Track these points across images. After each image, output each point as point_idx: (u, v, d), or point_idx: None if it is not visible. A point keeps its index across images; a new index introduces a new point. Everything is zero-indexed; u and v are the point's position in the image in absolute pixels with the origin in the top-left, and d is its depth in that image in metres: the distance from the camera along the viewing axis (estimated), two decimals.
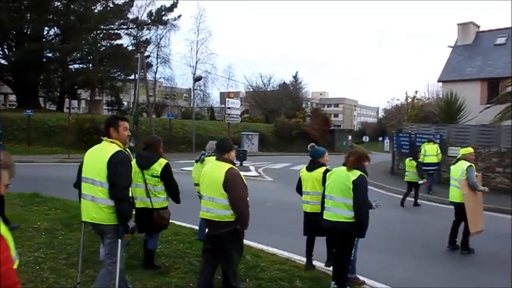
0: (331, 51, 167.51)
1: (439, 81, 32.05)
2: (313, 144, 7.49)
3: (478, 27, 33.46)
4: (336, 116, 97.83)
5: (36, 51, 37.12)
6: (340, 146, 48.45)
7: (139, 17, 46.63)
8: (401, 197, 13.78)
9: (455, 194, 8.42)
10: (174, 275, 5.94)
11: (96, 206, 4.51)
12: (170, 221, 7.47)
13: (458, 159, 8.59)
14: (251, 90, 68.21)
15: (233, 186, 4.91)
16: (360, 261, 6.41)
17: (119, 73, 47.20)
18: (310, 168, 6.74)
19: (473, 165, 8.36)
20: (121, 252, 4.56)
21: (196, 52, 53.30)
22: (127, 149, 4.79)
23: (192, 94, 54.45)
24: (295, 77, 73.92)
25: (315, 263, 7.15)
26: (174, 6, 45.82)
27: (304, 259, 7.18)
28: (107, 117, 5.44)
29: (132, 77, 46.94)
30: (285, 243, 8.05)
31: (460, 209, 8.31)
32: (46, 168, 19.25)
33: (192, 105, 50.60)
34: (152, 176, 6.00)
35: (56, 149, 27.29)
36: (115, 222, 4.47)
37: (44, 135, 29.96)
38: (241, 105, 63.15)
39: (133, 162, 5.65)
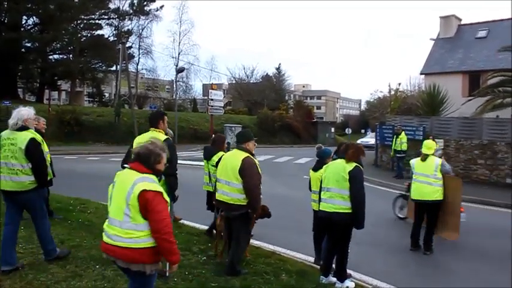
0: (315, 44, 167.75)
1: (421, 73, 32.24)
2: (320, 145, 8.27)
3: (460, 20, 33.69)
4: (319, 108, 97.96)
5: (14, 40, 36.43)
6: (323, 138, 48.54)
7: (121, 7, 46.06)
8: (385, 188, 13.92)
9: (427, 191, 7.75)
10: None
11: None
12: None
13: (426, 156, 7.98)
14: (234, 82, 67.87)
15: (248, 173, 5.48)
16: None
17: (100, 64, 46.52)
18: (316, 168, 6.80)
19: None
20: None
21: (179, 43, 52.89)
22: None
23: (174, 86, 53.91)
24: (278, 69, 73.73)
25: (300, 255, 7.12)
26: None
27: (290, 252, 7.16)
28: (155, 112, 6.91)
29: (114, 68, 46.34)
30: (270, 236, 7.97)
31: (429, 207, 7.81)
32: None
33: (174, 97, 50.12)
34: (212, 165, 7.10)
35: None
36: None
37: None
38: (224, 97, 62.95)
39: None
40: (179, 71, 38.05)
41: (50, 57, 44.60)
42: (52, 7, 39.52)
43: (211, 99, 20.64)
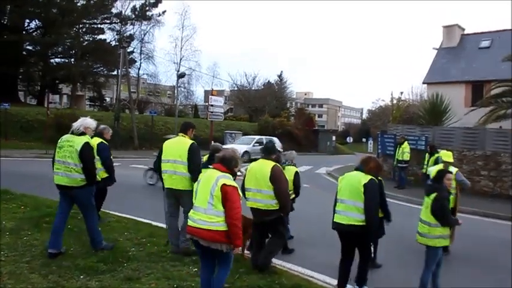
0: (317, 52, 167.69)
1: (424, 83, 31.96)
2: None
3: (463, 30, 33.48)
4: (320, 116, 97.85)
5: (15, 43, 36.26)
6: (324, 146, 48.31)
7: (123, 11, 45.90)
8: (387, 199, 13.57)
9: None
10: (145, 281, 5.48)
11: (178, 178, 6.49)
12: (146, 221, 8.96)
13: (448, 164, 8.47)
14: (236, 88, 67.74)
15: (278, 179, 6.07)
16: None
17: (102, 68, 46.34)
18: None
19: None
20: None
21: (181, 49, 52.84)
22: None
23: (175, 91, 53.77)
24: (280, 76, 73.63)
25: (296, 268, 6.84)
26: (158, 1, 45.25)
27: (286, 264, 6.90)
28: (187, 122, 7.36)
29: (115, 72, 46.15)
30: None
31: None
32: (21, 164, 18.59)
33: (175, 102, 49.98)
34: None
35: (33, 144, 26.46)
36: (190, 188, 6.11)
37: (21, 130, 29.14)
38: (225, 103, 62.77)
39: None
40: (180, 76, 37.88)
41: (52, 60, 44.50)
42: (54, 11, 39.40)
43: (211, 105, 20.39)
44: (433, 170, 8.58)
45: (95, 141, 7.47)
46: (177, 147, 6.62)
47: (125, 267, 5.88)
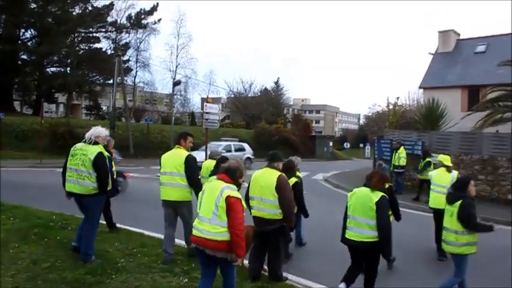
0: (313, 57, 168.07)
1: (420, 87, 31.92)
2: (381, 162, 9.08)
3: (458, 35, 33.53)
4: (318, 122, 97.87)
5: (10, 52, 36.16)
6: (321, 152, 48.18)
7: (119, 20, 45.89)
8: None
9: (444, 201, 8.09)
10: None
11: (175, 189, 6.65)
12: (138, 230, 8.86)
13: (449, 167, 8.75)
14: (232, 95, 67.67)
15: (283, 189, 6.05)
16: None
17: (98, 77, 46.26)
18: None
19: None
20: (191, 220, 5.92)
21: (177, 57, 52.75)
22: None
23: (171, 99, 53.59)
24: (276, 82, 73.65)
25: (291, 277, 6.68)
26: (153, 9, 45.27)
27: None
28: (180, 132, 7.48)
29: (111, 81, 46.02)
30: None
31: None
32: (15, 174, 18.39)
33: (171, 110, 49.81)
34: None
35: (28, 154, 26.32)
36: (187, 199, 6.69)
37: (16, 139, 28.96)
38: (222, 110, 62.59)
39: None
40: (175, 84, 37.83)
41: (47, 70, 44.39)
42: (49, 20, 39.35)
43: (207, 113, 20.17)
44: (434, 174, 8.98)
45: None
46: (173, 159, 6.75)
47: (114, 280, 5.72)
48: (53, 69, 45.32)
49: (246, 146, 29.01)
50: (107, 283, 5.57)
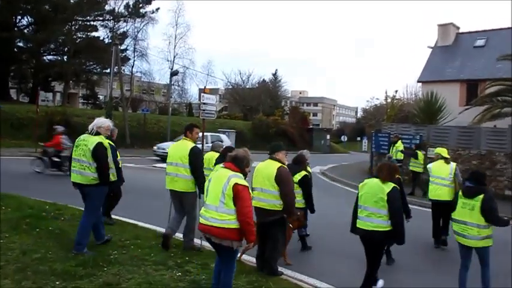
0: (312, 50, 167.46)
1: (418, 81, 31.72)
2: (390, 155, 9.57)
3: (458, 28, 33.31)
4: (315, 115, 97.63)
5: (6, 40, 35.77)
6: (319, 145, 48.09)
7: (116, 8, 45.33)
8: None
9: (443, 192, 8.85)
10: (125, 287, 5.22)
11: (180, 180, 6.77)
12: (132, 221, 8.88)
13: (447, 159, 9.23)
14: (230, 87, 67.33)
15: (284, 180, 6.04)
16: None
17: (95, 66, 45.83)
18: None
19: None
20: (196, 210, 6.68)
21: (175, 47, 52.22)
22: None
23: (169, 89, 53.19)
24: (274, 74, 73.35)
25: (286, 271, 6.59)
26: None
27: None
28: (188, 123, 7.50)
29: (109, 70, 45.61)
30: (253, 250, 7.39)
31: (444, 207, 8.35)
32: (10, 163, 18.20)
33: (168, 100, 49.49)
34: (294, 183, 7.13)
35: (23, 142, 26.10)
36: (191, 190, 6.81)
37: (12, 128, 28.70)
38: (220, 101, 62.32)
39: None
40: (173, 74, 37.51)
41: (44, 58, 43.97)
42: (46, 7, 38.92)
43: (204, 103, 19.97)
44: (432, 166, 9.37)
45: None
46: (179, 150, 6.89)
47: (105, 272, 5.60)
48: (49, 57, 44.76)
49: (224, 137, 26.79)
50: (98, 275, 5.45)
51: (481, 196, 5.78)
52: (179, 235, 7.79)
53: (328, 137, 51.72)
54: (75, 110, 38.33)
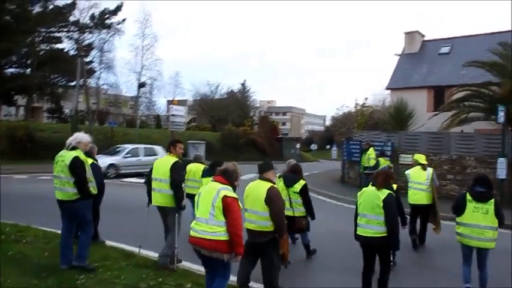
0: (280, 60, 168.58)
1: (387, 88, 32.06)
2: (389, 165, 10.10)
3: (423, 36, 33.95)
4: (284, 124, 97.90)
5: None
6: (289, 154, 47.87)
7: (81, 19, 44.42)
8: (351, 206, 13.46)
9: (421, 196, 9.25)
10: None
11: (162, 195, 6.86)
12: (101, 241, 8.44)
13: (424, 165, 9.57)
14: (198, 98, 66.79)
15: (273, 201, 5.87)
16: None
17: (60, 79, 44.68)
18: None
19: None
20: (178, 225, 6.96)
21: (142, 58, 51.56)
22: (181, 159, 7.20)
23: (136, 101, 52.28)
24: (243, 84, 73.27)
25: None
26: (118, 9, 44.11)
27: (256, 285, 6.33)
28: (172, 139, 7.61)
29: (74, 83, 44.49)
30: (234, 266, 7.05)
31: (422, 211, 9.33)
32: None
33: (136, 113, 48.68)
34: (294, 192, 7.79)
35: None
36: (174, 206, 6.85)
37: None
38: (188, 113, 61.69)
39: (279, 181, 7.78)
40: (140, 85, 36.94)
41: (5, 70, 42.59)
42: (7, 18, 37.76)
43: (172, 115, 19.65)
44: (411, 172, 9.69)
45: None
46: (162, 165, 7.00)
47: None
48: (11, 70, 43.50)
49: (159, 149, 24.47)
50: None
51: (493, 200, 6.18)
52: (151, 253, 7.45)
53: (298, 145, 51.70)
54: (39, 124, 37.16)
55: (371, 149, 17.47)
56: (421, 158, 9.68)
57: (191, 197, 8.18)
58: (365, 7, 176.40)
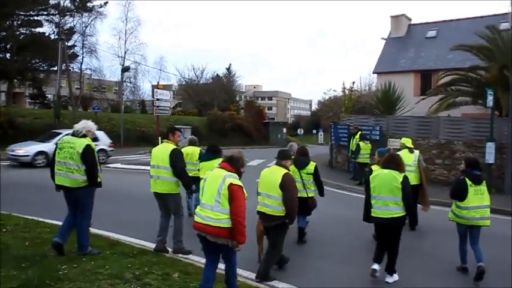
0: (265, 44, 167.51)
1: (374, 72, 31.92)
2: (390, 147, 10.48)
3: (410, 20, 33.80)
4: (270, 109, 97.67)
5: None
6: (275, 138, 47.88)
7: (62, 2, 43.36)
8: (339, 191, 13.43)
9: (410, 178, 9.00)
10: None
11: (162, 182, 6.86)
12: None
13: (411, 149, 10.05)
14: (184, 83, 66.09)
15: (288, 187, 6.09)
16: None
17: (41, 63, 43.69)
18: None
19: None
20: (183, 211, 7.24)
21: (125, 42, 50.74)
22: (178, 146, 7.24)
23: (120, 86, 51.51)
24: (228, 69, 72.72)
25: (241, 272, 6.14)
26: None
27: (243, 273, 6.14)
28: (169, 127, 7.69)
29: (56, 68, 43.58)
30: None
31: (412, 190, 9.33)
32: None
33: (120, 98, 47.93)
34: (307, 173, 7.97)
35: None
36: (173, 192, 6.92)
37: None
38: (173, 98, 61.06)
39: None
40: (124, 70, 36.28)
41: None
42: None
43: (157, 99, 19.23)
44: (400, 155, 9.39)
45: None
46: (160, 152, 7.00)
47: None
48: None
49: (101, 134, 23.06)
50: None
51: (484, 181, 6.71)
52: (131, 240, 7.27)
53: (284, 130, 51.62)
54: (21, 110, 36.40)
55: (359, 133, 17.30)
56: (408, 142, 10.26)
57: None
58: None
